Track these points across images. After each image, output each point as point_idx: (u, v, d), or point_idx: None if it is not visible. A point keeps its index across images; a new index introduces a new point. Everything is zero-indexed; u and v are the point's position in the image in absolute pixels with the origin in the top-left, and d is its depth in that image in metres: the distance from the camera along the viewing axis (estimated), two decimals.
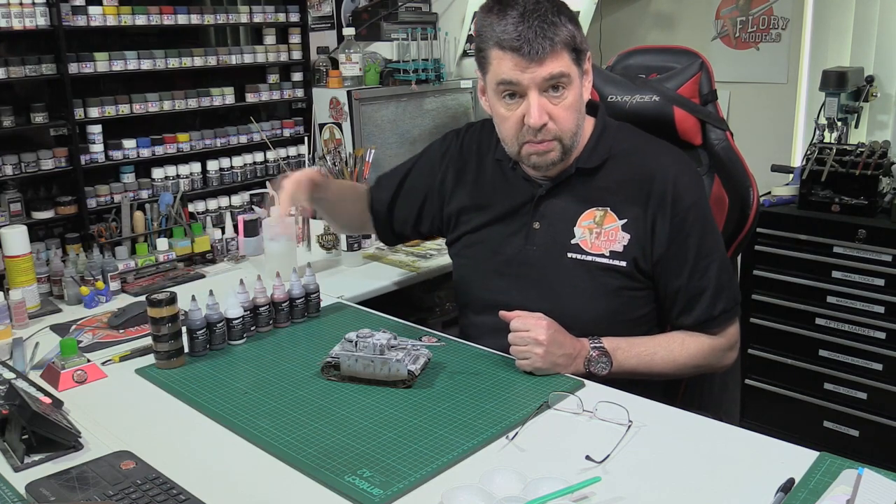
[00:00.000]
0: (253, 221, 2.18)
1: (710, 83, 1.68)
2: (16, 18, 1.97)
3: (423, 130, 2.79)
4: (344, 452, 1.15)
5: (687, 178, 1.45)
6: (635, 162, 1.47)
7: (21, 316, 1.70)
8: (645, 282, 1.46)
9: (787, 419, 2.61)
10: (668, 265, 1.43)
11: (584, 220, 1.46)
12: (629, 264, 1.43)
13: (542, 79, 1.34)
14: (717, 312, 1.44)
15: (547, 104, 1.37)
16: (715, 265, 1.44)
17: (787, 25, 3.09)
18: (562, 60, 1.35)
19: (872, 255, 2.39)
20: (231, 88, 2.49)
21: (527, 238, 1.50)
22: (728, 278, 1.46)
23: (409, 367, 1.35)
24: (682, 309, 1.45)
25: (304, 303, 1.67)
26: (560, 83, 1.36)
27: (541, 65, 1.33)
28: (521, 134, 1.40)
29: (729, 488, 1.05)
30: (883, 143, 2.54)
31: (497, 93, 1.40)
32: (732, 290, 1.47)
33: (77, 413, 1.30)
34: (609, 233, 1.44)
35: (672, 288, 1.44)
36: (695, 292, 1.43)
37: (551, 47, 1.33)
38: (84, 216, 2.16)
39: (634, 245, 1.43)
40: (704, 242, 1.43)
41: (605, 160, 1.47)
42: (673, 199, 1.42)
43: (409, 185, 1.71)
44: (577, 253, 1.45)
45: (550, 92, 1.37)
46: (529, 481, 1.02)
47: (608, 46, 3.44)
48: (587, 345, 1.39)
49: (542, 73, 1.34)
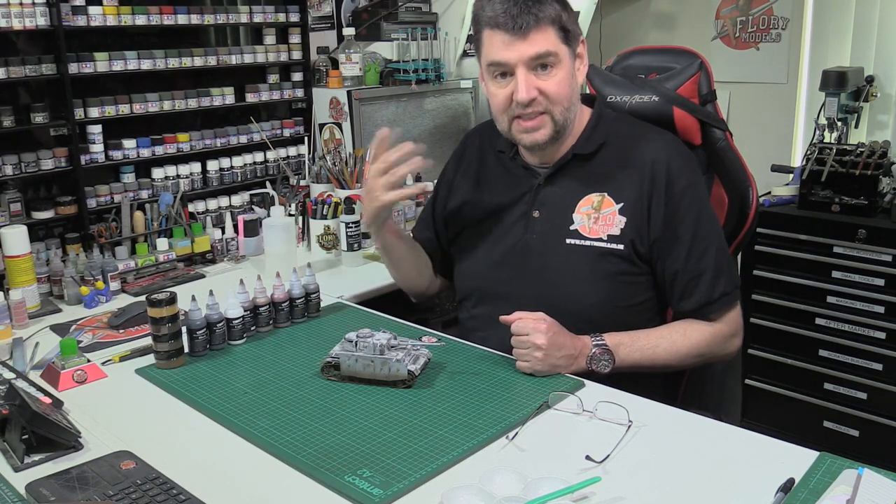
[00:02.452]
0: (253, 221, 2.18)
1: (709, 83, 1.68)
2: (16, 18, 1.97)
3: (423, 130, 2.79)
4: (344, 452, 1.15)
5: (681, 161, 1.47)
6: (631, 146, 1.49)
7: (21, 316, 1.70)
8: (643, 266, 1.46)
9: (787, 419, 2.61)
10: (664, 247, 1.44)
11: (583, 206, 1.48)
12: (627, 247, 1.44)
13: (528, 57, 1.38)
14: (717, 295, 1.44)
15: (535, 80, 1.40)
16: (713, 248, 1.44)
17: (787, 25, 3.09)
18: (548, 37, 1.38)
19: (872, 255, 2.39)
20: (231, 88, 2.49)
21: (526, 227, 1.52)
22: (726, 261, 1.47)
23: (409, 367, 1.35)
24: (681, 293, 1.45)
25: (304, 303, 1.67)
26: (547, 62, 1.39)
27: (525, 40, 1.37)
28: (510, 109, 1.43)
29: (729, 488, 1.05)
30: (883, 143, 2.54)
31: (489, 73, 1.44)
32: (731, 274, 1.47)
33: (77, 413, 1.30)
34: (607, 217, 1.45)
35: (670, 271, 1.45)
36: (693, 274, 1.43)
37: (535, 22, 1.36)
38: (84, 216, 2.16)
39: (631, 228, 1.44)
40: (701, 225, 1.44)
41: (601, 145, 1.49)
42: (668, 182, 1.44)
43: (439, 207, 1.72)
44: (575, 238, 1.47)
45: (539, 70, 1.40)
46: (529, 481, 1.02)
47: (608, 46, 3.44)
48: (589, 343, 1.39)
49: (528, 52, 1.37)
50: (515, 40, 1.37)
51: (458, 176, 1.67)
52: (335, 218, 2.19)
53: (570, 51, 1.42)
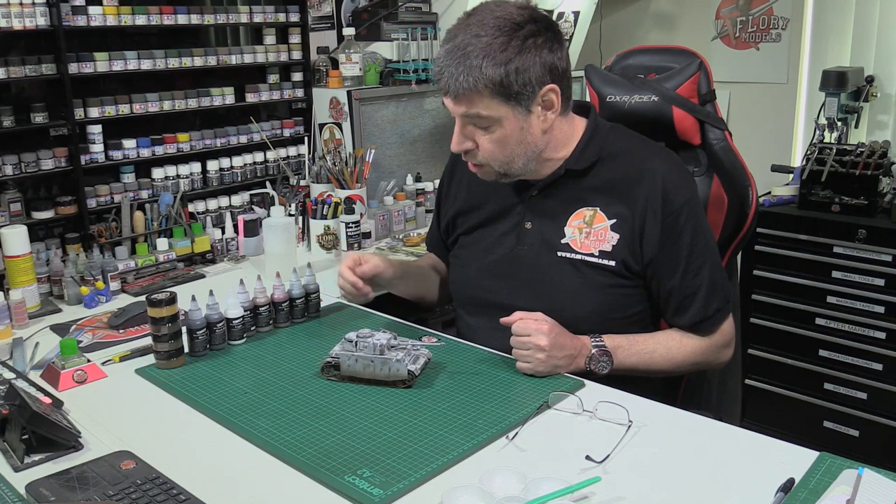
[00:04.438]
0: (253, 221, 2.18)
1: (708, 83, 1.68)
2: (16, 18, 1.97)
3: (423, 130, 2.79)
4: (344, 452, 1.15)
5: (677, 178, 1.44)
6: (625, 163, 1.46)
7: (21, 316, 1.70)
8: (635, 280, 1.46)
9: (787, 419, 2.61)
10: (660, 266, 1.43)
11: (574, 220, 1.47)
12: (618, 264, 1.43)
13: (460, 114, 1.37)
14: (712, 312, 1.44)
15: (474, 132, 1.39)
16: (708, 265, 1.44)
17: (787, 25, 3.09)
18: (482, 102, 1.34)
19: (872, 255, 2.39)
20: (231, 88, 2.49)
21: (518, 238, 1.51)
22: (720, 277, 1.46)
23: (409, 367, 1.35)
24: (676, 309, 1.45)
25: (304, 303, 1.67)
26: (480, 124, 1.37)
27: (455, 101, 1.36)
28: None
29: (729, 488, 1.05)
30: (883, 143, 2.54)
31: None
32: (725, 290, 1.47)
33: (77, 413, 1.30)
34: (598, 232, 1.44)
35: (666, 288, 1.44)
36: (688, 292, 1.43)
37: (466, 87, 1.32)
38: (84, 216, 2.16)
39: (623, 245, 1.43)
40: (697, 242, 1.43)
41: (595, 162, 1.47)
42: (664, 201, 1.41)
43: (442, 213, 1.72)
44: (567, 252, 1.46)
45: (477, 125, 1.38)
46: (529, 481, 1.02)
47: (608, 46, 3.45)
48: (588, 343, 1.39)
49: (458, 110, 1.37)
50: (447, 96, 1.36)
51: (454, 184, 1.67)
52: (335, 218, 2.19)
53: (519, 108, 1.35)
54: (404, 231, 2.45)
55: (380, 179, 2.59)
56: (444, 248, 1.72)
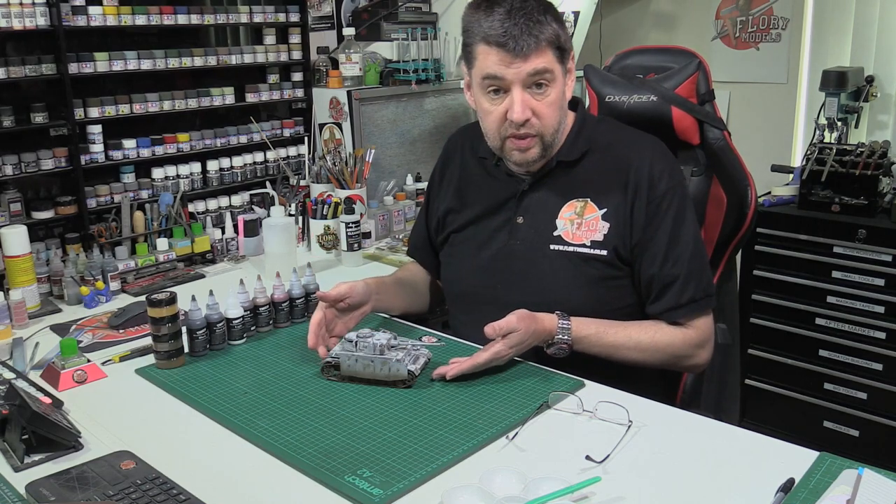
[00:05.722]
0: (253, 221, 2.18)
1: (707, 83, 1.68)
2: (16, 18, 1.97)
3: (423, 130, 2.79)
4: (344, 452, 1.15)
5: (662, 165, 1.46)
6: (614, 152, 1.49)
7: (21, 316, 1.70)
8: (627, 270, 1.46)
9: (787, 419, 2.61)
10: (642, 250, 1.44)
11: (566, 212, 1.48)
12: (610, 253, 1.44)
13: (526, 74, 1.37)
14: (685, 300, 1.43)
15: (530, 100, 1.40)
16: (687, 253, 1.44)
17: (787, 25, 3.09)
18: (546, 57, 1.38)
19: (872, 255, 2.39)
20: (231, 88, 2.49)
21: (510, 233, 1.52)
22: (699, 268, 1.46)
23: (409, 367, 1.35)
24: (654, 298, 1.45)
25: (304, 303, 1.67)
26: (543, 80, 1.39)
27: (525, 60, 1.36)
28: (503, 128, 1.43)
29: (729, 488, 1.05)
30: (883, 143, 2.54)
31: (482, 87, 1.43)
32: (703, 282, 1.45)
33: (77, 413, 1.30)
34: (590, 223, 1.46)
35: (646, 275, 1.45)
36: (667, 281, 1.43)
37: (536, 44, 1.36)
38: (84, 216, 2.16)
39: (614, 233, 1.44)
40: (678, 229, 1.44)
41: (585, 153, 1.49)
42: (649, 185, 1.44)
43: (431, 212, 1.71)
44: (559, 245, 1.47)
45: (534, 88, 1.40)
46: (529, 481, 1.02)
47: (608, 46, 3.44)
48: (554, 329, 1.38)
49: (526, 69, 1.37)
50: (515, 59, 1.36)
51: (444, 182, 1.67)
52: (335, 218, 2.19)
53: (563, 68, 1.43)
54: (404, 231, 2.45)
55: (380, 179, 2.59)
56: (430, 250, 1.72)
